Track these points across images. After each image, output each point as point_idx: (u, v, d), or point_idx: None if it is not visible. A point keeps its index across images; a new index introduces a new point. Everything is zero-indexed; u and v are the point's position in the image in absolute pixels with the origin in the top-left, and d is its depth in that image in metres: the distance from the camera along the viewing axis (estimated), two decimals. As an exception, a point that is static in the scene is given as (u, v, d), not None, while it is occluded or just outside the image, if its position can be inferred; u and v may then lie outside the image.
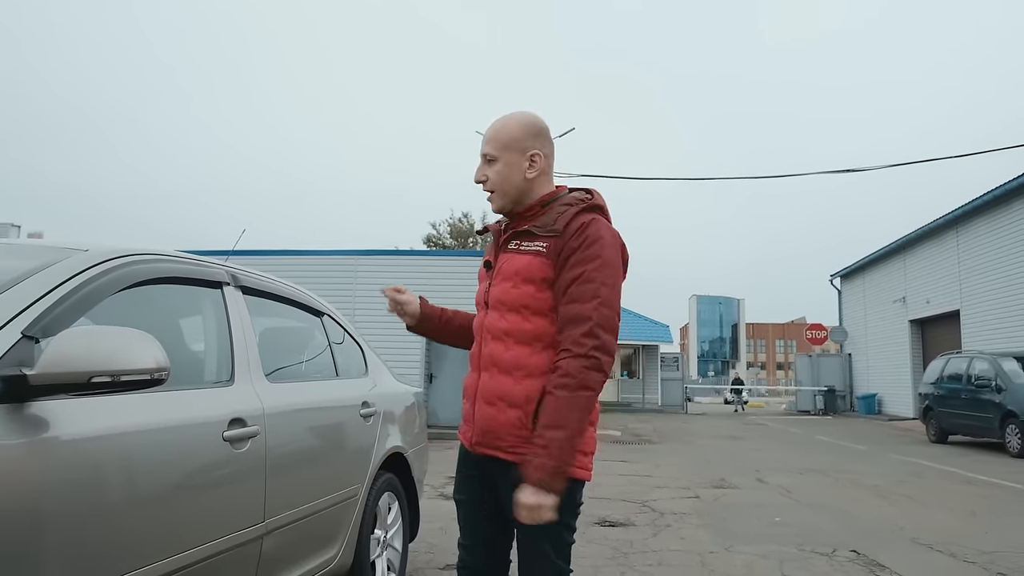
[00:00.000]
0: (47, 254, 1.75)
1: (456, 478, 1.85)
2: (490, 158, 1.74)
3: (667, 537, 4.74)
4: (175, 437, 1.79)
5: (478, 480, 1.77)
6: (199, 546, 1.80)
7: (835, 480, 7.83)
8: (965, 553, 4.40)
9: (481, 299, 1.79)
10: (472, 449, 1.74)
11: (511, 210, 1.77)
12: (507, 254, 1.73)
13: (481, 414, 1.70)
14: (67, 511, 1.45)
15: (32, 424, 1.41)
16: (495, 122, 1.78)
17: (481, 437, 1.70)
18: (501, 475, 1.68)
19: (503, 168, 1.73)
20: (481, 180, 1.76)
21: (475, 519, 1.79)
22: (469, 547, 1.80)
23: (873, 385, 23.44)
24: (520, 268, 1.67)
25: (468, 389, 1.77)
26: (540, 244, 1.67)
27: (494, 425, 1.67)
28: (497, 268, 1.75)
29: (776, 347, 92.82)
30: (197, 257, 2.29)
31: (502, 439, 1.66)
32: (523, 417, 1.63)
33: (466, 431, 1.78)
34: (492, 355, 1.69)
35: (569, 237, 1.64)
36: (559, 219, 1.68)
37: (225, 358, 2.19)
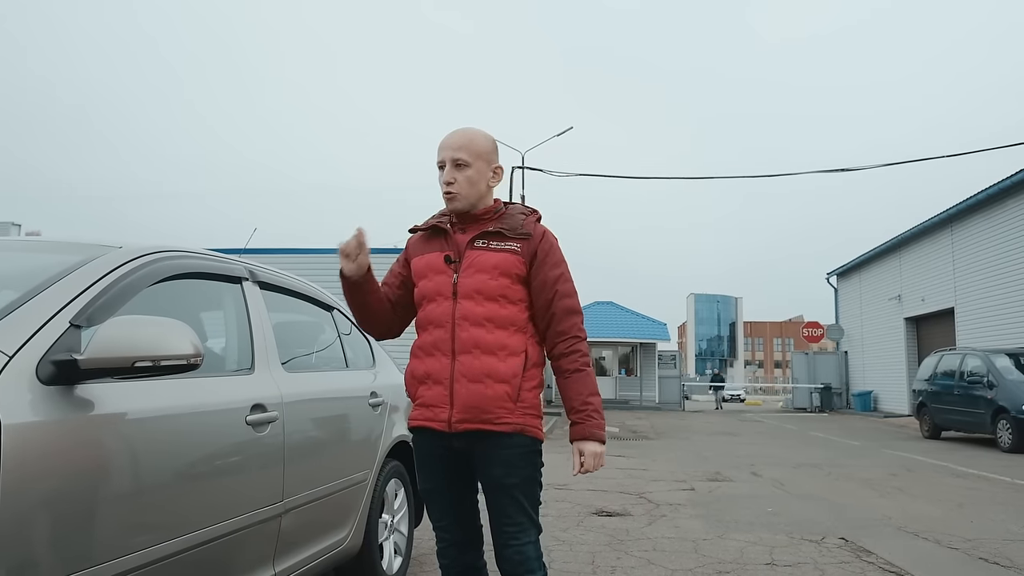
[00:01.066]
0: (85, 251, 1.90)
1: (422, 471, 1.99)
2: (461, 163, 1.92)
3: (662, 526, 4.89)
4: (204, 419, 1.95)
5: (447, 461, 1.92)
6: (227, 519, 1.95)
7: (828, 474, 7.99)
8: (949, 540, 4.55)
9: (444, 290, 1.91)
10: (451, 428, 1.86)
11: (466, 212, 1.95)
12: (476, 251, 1.92)
13: (466, 392, 1.84)
14: (113, 483, 1.60)
15: (80, 404, 1.56)
16: (460, 132, 1.97)
17: (466, 413, 1.84)
18: (485, 446, 1.86)
19: (473, 175, 1.93)
20: (451, 181, 1.92)
21: (446, 500, 1.96)
22: (447, 526, 1.97)
23: (869, 382, 23.63)
24: (498, 263, 1.90)
25: (438, 373, 1.88)
26: (513, 244, 1.93)
27: (482, 400, 1.84)
28: (467, 262, 1.91)
29: (774, 345, 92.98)
30: (218, 254, 2.44)
31: (491, 412, 1.84)
32: (510, 391, 1.86)
33: (438, 412, 1.87)
34: (474, 339, 1.86)
35: (539, 242, 1.95)
36: (524, 225, 1.96)
37: (246, 348, 2.34)
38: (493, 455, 1.87)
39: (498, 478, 1.88)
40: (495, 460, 1.87)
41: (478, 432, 1.85)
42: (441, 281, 1.92)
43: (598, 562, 3.88)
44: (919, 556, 4.15)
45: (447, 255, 1.94)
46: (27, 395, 1.45)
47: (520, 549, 1.88)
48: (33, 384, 1.47)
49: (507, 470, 1.87)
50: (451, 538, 1.97)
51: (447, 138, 1.96)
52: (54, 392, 1.51)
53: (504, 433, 1.85)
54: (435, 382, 1.89)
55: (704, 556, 4.05)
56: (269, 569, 2.21)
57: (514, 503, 1.89)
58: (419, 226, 2.06)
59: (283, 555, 2.29)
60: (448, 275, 1.92)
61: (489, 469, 1.88)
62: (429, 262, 1.96)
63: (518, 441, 1.88)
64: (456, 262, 1.92)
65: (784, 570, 3.79)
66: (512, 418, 1.86)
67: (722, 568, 3.80)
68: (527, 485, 1.90)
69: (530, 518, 1.92)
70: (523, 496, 1.90)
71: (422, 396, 1.92)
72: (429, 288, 1.94)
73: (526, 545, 1.89)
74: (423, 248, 2.01)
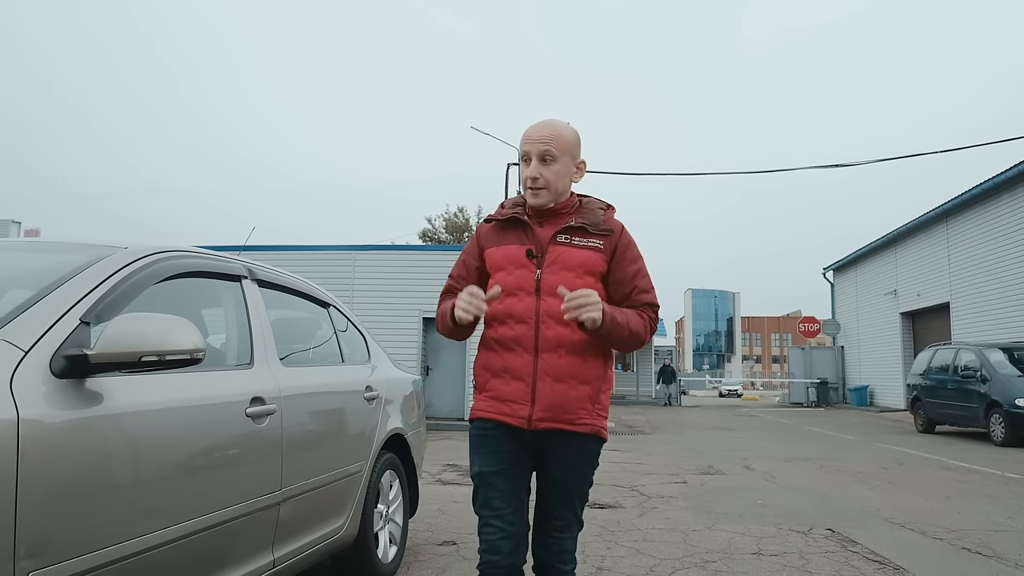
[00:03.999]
0: (93, 251, 1.99)
1: (481, 455, 1.92)
2: (549, 158, 1.87)
3: (653, 517, 5.00)
4: (206, 412, 2.04)
5: (520, 452, 1.90)
6: (228, 506, 2.05)
7: (820, 467, 8.11)
8: (935, 531, 4.66)
9: (526, 285, 1.86)
10: (531, 425, 1.84)
11: (547, 207, 1.92)
12: (559, 246, 1.89)
13: (550, 391, 1.83)
14: (120, 470, 1.70)
15: (91, 397, 1.66)
16: (546, 124, 1.90)
17: (548, 412, 1.83)
18: (561, 446, 1.88)
19: (560, 169, 1.89)
20: (536, 176, 1.87)
21: (513, 486, 1.90)
22: (506, 515, 1.87)
23: (865, 377, 23.77)
24: (584, 260, 1.88)
25: (519, 370, 1.85)
26: (596, 241, 1.90)
27: (565, 401, 1.83)
28: (551, 258, 1.87)
29: (771, 340, 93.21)
30: (218, 253, 2.53)
31: (572, 413, 1.84)
32: (592, 393, 1.87)
33: (516, 409, 1.85)
34: (559, 337, 1.83)
35: (619, 237, 1.94)
36: (606, 220, 1.94)
37: (245, 344, 2.43)
38: (563, 453, 1.89)
39: (560, 477, 1.92)
40: (564, 460, 1.90)
41: (556, 431, 1.86)
42: (523, 276, 1.87)
43: (588, 552, 3.98)
44: (903, 546, 4.26)
45: (529, 249, 1.89)
46: (41, 388, 1.54)
47: (561, 541, 1.95)
48: (47, 377, 1.57)
49: (572, 471, 1.91)
50: (510, 529, 1.87)
51: (533, 130, 1.90)
52: (66, 385, 1.61)
53: (579, 434, 1.87)
54: (515, 378, 1.86)
55: (692, 546, 4.16)
56: (268, 555, 2.31)
57: (567, 502, 1.94)
58: (494, 216, 2.00)
59: (281, 542, 2.39)
60: (530, 270, 1.87)
61: (555, 468, 1.91)
62: (508, 255, 1.91)
63: (589, 442, 1.91)
64: (539, 257, 1.87)
65: (769, 560, 3.90)
66: (590, 419, 1.87)
67: (709, 558, 3.91)
68: (584, 486, 1.96)
69: (577, 516, 1.98)
70: (578, 496, 1.96)
71: (496, 389, 1.89)
72: (509, 282, 1.88)
73: (567, 539, 1.96)
74: (498, 239, 1.95)
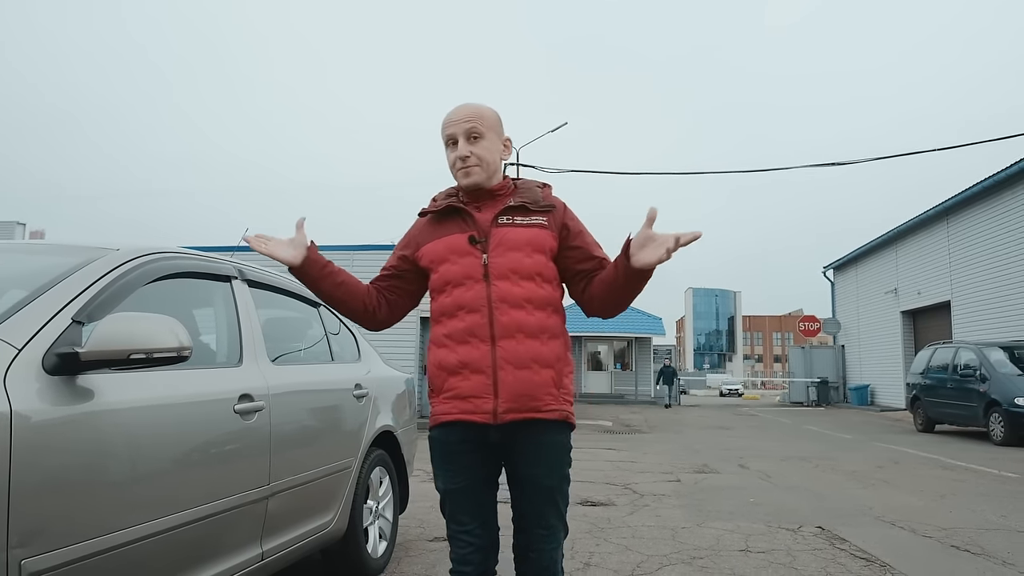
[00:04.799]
0: (85, 253, 2.06)
1: (444, 471, 1.84)
2: (476, 135, 1.83)
3: (644, 515, 5.05)
4: (194, 408, 2.11)
5: (484, 460, 1.80)
6: (216, 500, 2.11)
7: (815, 466, 8.15)
8: (925, 529, 4.71)
9: (473, 272, 1.79)
10: (496, 419, 1.74)
11: (479, 189, 1.86)
12: (502, 228, 1.82)
13: (513, 379, 1.73)
14: (110, 463, 1.76)
15: (82, 393, 1.72)
16: (467, 105, 1.88)
17: (514, 402, 1.73)
18: (532, 440, 1.77)
19: (489, 145, 1.85)
20: (467, 155, 1.82)
21: (479, 500, 1.83)
22: (474, 530, 1.82)
23: (866, 376, 23.77)
24: (530, 238, 1.81)
25: (477, 362, 1.75)
26: (539, 218, 1.84)
27: (530, 387, 1.74)
28: (495, 240, 1.80)
29: (773, 339, 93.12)
30: (209, 254, 2.60)
31: (539, 399, 1.75)
32: (555, 376, 1.78)
33: (480, 404, 1.75)
34: (517, 322, 1.75)
35: (564, 212, 1.90)
36: (545, 197, 1.89)
37: (234, 343, 2.50)
38: (535, 448, 1.78)
39: (538, 477, 1.79)
40: (538, 457, 1.79)
41: (523, 422, 1.75)
42: (468, 263, 1.80)
43: (577, 548, 4.04)
44: (891, 544, 4.31)
45: (471, 235, 1.82)
46: (35, 384, 1.61)
47: (551, 554, 1.81)
48: (40, 374, 1.63)
49: (547, 466, 1.80)
50: (479, 543, 1.82)
51: (454, 113, 1.86)
52: (58, 381, 1.67)
53: (549, 420, 1.77)
54: (474, 371, 1.76)
55: (681, 543, 4.22)
56: (257, 547, 2.37)
57: (551, 505, 1.81)
58: (429, 208, 1.93)
59: (270, 535, 2.45)
60: (476, 256, 1.80)
61: (530, 467, 1.79)
62: (450, 245, 1.83)
63: (559, 431, 1.81)
64: (482, 241, 1.81)
65: (757, 556, 3.95)
66: (556, 404, 1.78)
67: (696, 554, 3.96)
68: (562, 485, 1.84)
69: (562, 520, 1.84)
70: (560, 497, 1.83)
71: (456, 388, 1.78)
72: (455, 272, 1.81)
73: (555, 550, 1.82)
74: (436, 232, 1.88)
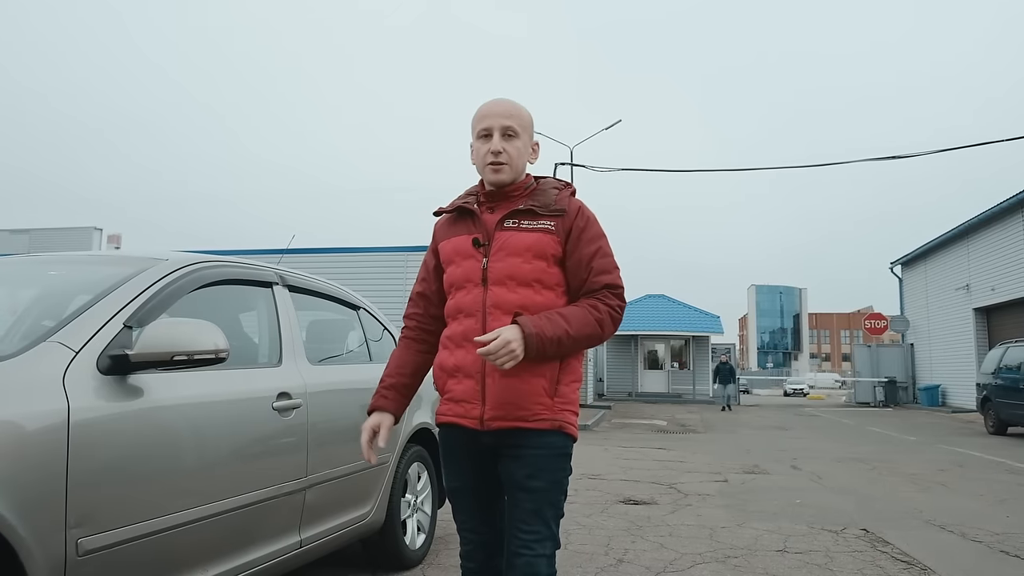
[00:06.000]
0: (139, 263, 2.27)
1: (446, 469, 1.87)
2: (511, 133, 1.78)
3: (684, 514, 5.06)
4: (235, 405, 2.30)
5: (476, 459, 1.80)
6: (255, 490, 2.30)
7: (871, 468, 7.93)
8: (976, 534, 4.56)
9: (473, 276, 1.77)
10: (483, 426, 1.72)
11: (503, 186, 1.82)
12: (506, 231, 1.77)
13: (501, 387, 1.70)
14: (157, 454, 1.96)
15: (132, 391, 1.92)
16: (506, 101, 1.83)
17: (499, 410, 1.70)
18: (520, 447, 1.72)
19: (521, 146, 1.80)
20: (500, 151, 1.78)
21: (474, 501, 1.83)
22: (474, 527, 1.82)
23: (937, 376, 22.76)
24: (531, 244, 1.74)
25: (468, 367, 1.73)
26: (547, 223, 1.77)
27: (517, 396, 1.70)
28: (497, 244, 1.76)
29: (841, 338, 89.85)
30: (251, 262, 2.80)
31: (526, 408, 1.70)
32: (547, 384, 1.72)
33: (469, 409, 1.74)
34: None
35: (574, 217, 1.79)
36: (557, 200, 1.80)
37: (275, 344, 2.69)
38: (521, 454, 1.73)
39: (521, 480, 1.72)
40: (522, 460, 1.73)
41: (510, 430, 1.72)
42: (470, 266, 1.77)
43: (612, 545, 4.10)
44: (936, 547, 4.20)
45: (475, 238, 1.79)
46: (90, 383, 1.81)
47: (532, 561, 1.69)
48: (94, 374, 1.83)
49: (532, 472, 1.72)
50: (479, 540, 1.82)
51: (493, 105, 1.81)
52: (111, 381, 1.87)
53: (538, 430, 1.72)
54: (465, 376, 1.75)
55: (717, 542, 4.22)
56: (295, 536, 2.55)
57: (534, 509, 1.72)
58: (444, 208, 1.91)
59: (308, 524, 2.63)
60: (477, 259, 1.77)
61: (513, 469, 1.74)
62: (456, 246, 1.82)
63: (551, 440, 1.73)
64: (485, 245, 1.77)
65: (794, 557, 3.93)
66: (548, 414, 1.72)
67: (732, 553, 3.97)
68: (552, 491, 1.74)
69: (549, 529, 1.73)
70: (545, 503, 1.73)
71: (451, 391, 1.79)
72: (457, 275, 1.79)
73: (539, 558, 1.70)
74: (449, 231, 1.86)
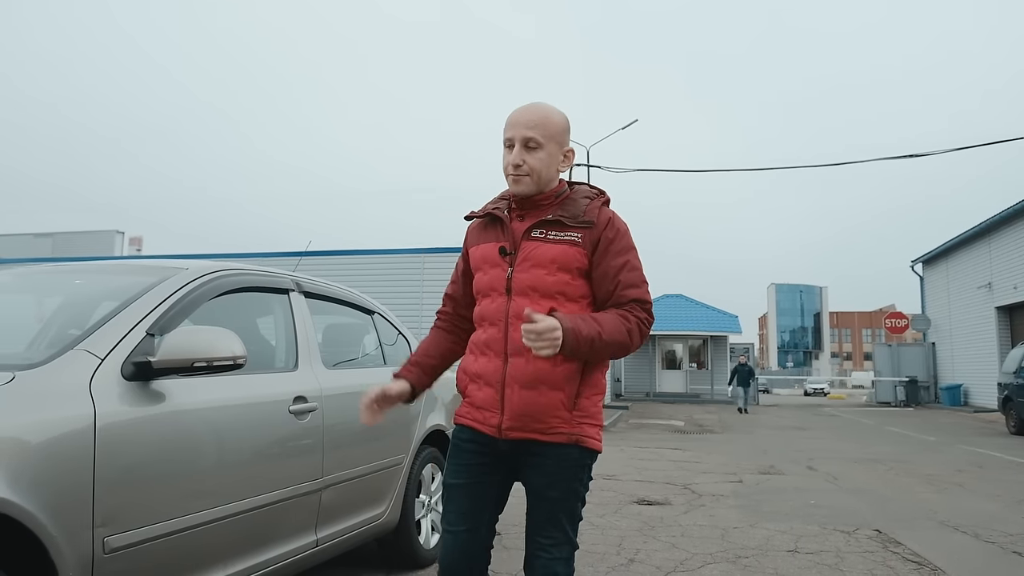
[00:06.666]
0: (160, 272, 2.37)
1: (453, 464, 1.84)
2: (534, 144, 1.73)
3: (697, 514, 5.09)
4: (253, 408, 2.38)
5: (491, 465, 1.79)
6: (272, 491, 2.38)
7: (888, 468, 7.88)
8: (989, 535, 4.54)
9: (497, 285, 1.77)
10: (501, 434, 1.73)
11: (529, 196, 1.79)
12: (533, 242, 1.75)
13: (519, 398, 1.71)
14: (179, 456, 2.05)
15: (154, 396, 2.01)
16: (534, 108, 1.77)
17: (517, 421, 1.71)
18: (539, 456, 1.74)
19: (546, 157, 1.75)
20: (519, 163, 1.74)
21: (473, 502, 1.79)
22: (460, 532, 1.78)
23: (959, 375, 22.47)
24: (556, 256, 1.72)
25: (489, 375, 1.75)
26: (574, 234, 1.74)
27: (535, 408, 1.70)
28: (523, 255, 1.75)
29: (863, 336, 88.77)
30: (268, 269, 2.89)
31: (543, 421, 1.71)
32: (565, 399, 1.71)
33: (488, 416, 1.76)
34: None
35: (603, 229, 1.75)
36: (587, 211, 1.76)
37: (291, 349, 2.78)
38: (539, 463, 1.74)
39: (539, 488, 1.76)
40: (539, 470, 1.75)
41: (527, 440, 1.73)
42: (495, 275, 1.77)
43: (624, 545, 4.15)
44: (948, 548, 4.20)
45: (502, 246, 1.78)
46: (115, 389, 1.90)
47: (549, 563, 1.73)
48: (119, 380, 1.93)
49: (550, 481, 1.74)
50: (460, 541, 1.79)
51: (519, 114, 1.76)
52: (134, 386, 1.96)
53: (554, 443, 1.72)
54: (486, 384, 1.76)
55: (729, 542, 4.25)
56: (312, 535, 2.64)
57: (551, 516, 1.75)
58: (475, 213, 1.89)
59: (324, 524, 2.71)
60: (503, 268, 1.76)
61: (532, 477, 1.76)
62: (484, 254, 1.82)
63: (568, 452, 1.74)
64: (512, 254, 1.76)
65: (804, 557, 3.95)
66: (566, 428, 1.72)
67: (742, 553, 4.00)
68: (568, 500, 1.75)
69: (566, 534, 1.76)
70: (562, 511, 1.75)
71: (472, 395, 1.81)
72: (484, 283, 1.80)
73: (556, 561, 1.74)
74: (479, 237, 1.86)
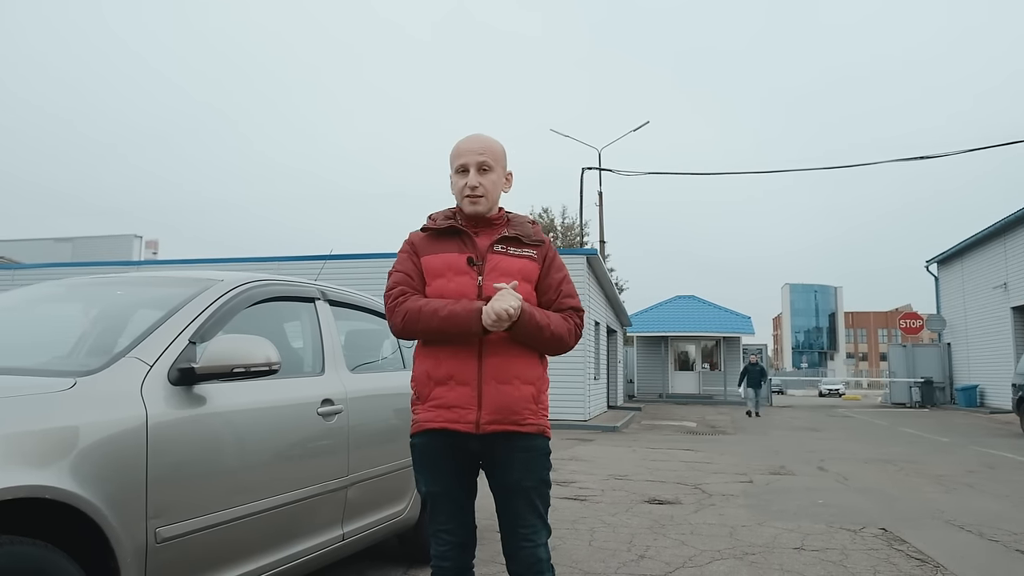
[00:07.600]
0: (197, 284, 2.55)
1: (425, 475, 2.02)
2: (486, 168, 2.01)
3: (707, 513, 5.22)
4: (285, 411, 2.56)
5: (465, 465, 1.99)
6: (303, 488, 2.56)
7: (899, 469, 7.95)
8: (994, 533, 4.63)
9: (468, 291, 1.95)
10: (479, 429, 1.91)
11: (480, 217, 2.04)
12: (497, 255, 2.00)
13: (496, 393, 1.91)
14: (220, 455, 2.23)
15: (197, 400, 2.19)
16: (479, 137, 2.05)
17: (495, 415, 1.91)
18: (511, 449, 1.94)
19: (496, 179, 2.04)
20: (476, 185, 1.99)
21: (457, 505, 1.99)
22: (453, 529, 1.99)
23: (975, 376, 22.31)
24: (520, 268, 2.00)
25: (463, 374, 1.92)
26: (530, 251, 2.04)
27: (511, 401, 1.92)
28: (490, 265, 1.98)
29: (879, 337, 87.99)
30: (296, 279, 3.06)
31: (519, 413, 1.93)
32: (535, 393, 1.97)
33: (463, 414, 1.92)
34: (502, 340, 1.93)
35: (547, 249, 2.08)
36: (535, 233, 2.08)
37: (318, 355, 2.95)
38: (513, 457, 1.95)
39: (516, 481, 1.95)
40: (514, 463, 1.95)
41: (503, 433, 1.92)
42: (464, 283, 1.96)
43: (635, 542, 4.29)
44: (953, 546, 4.30)
45: (470, 256, 1.99)
46: (162, 393, 2.08)
47: (534, 551, 1.95)
48: (165, 385, 2.10)
49: (525, 473, 1.95)
50: (456, 540, 1.99)
51: (468, 143, 2.03)
52: (179, 391, 2.14)
53: (527, 434, 1.95)
54: (459, 383, 1.92)
55: (737, 540, 4.38)
56: (339, 529, 2.81)
57: (529, 506, 1.96)
58: (430, 226, 2.08)
59: (350, 519, 2.88)
60: (472, 277, 1.96)
61: (507, 473, 1.96)
62: (448, 262, 1.99)
63: (537, 442, 1.97)
64: (479, 264, 1.98)
65: (810, 554, 4.07)
66: (534, 419, 1.96)
67: (750, 551, 4.13)
68: (542, 488, 1.99)
69: (542, 520, 1.99)
70: (538, 498, 1.98)
71: (441, 397, 1.94)
72: (450, 289, 1.96)
73: (539, 547, 1.96)
74: (435, 247, 2.03)
